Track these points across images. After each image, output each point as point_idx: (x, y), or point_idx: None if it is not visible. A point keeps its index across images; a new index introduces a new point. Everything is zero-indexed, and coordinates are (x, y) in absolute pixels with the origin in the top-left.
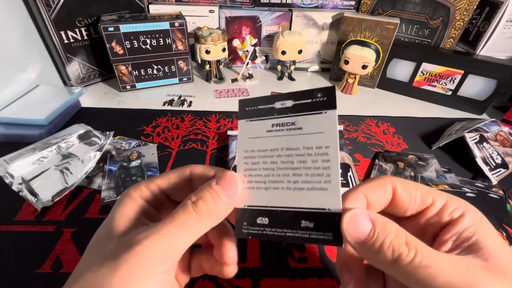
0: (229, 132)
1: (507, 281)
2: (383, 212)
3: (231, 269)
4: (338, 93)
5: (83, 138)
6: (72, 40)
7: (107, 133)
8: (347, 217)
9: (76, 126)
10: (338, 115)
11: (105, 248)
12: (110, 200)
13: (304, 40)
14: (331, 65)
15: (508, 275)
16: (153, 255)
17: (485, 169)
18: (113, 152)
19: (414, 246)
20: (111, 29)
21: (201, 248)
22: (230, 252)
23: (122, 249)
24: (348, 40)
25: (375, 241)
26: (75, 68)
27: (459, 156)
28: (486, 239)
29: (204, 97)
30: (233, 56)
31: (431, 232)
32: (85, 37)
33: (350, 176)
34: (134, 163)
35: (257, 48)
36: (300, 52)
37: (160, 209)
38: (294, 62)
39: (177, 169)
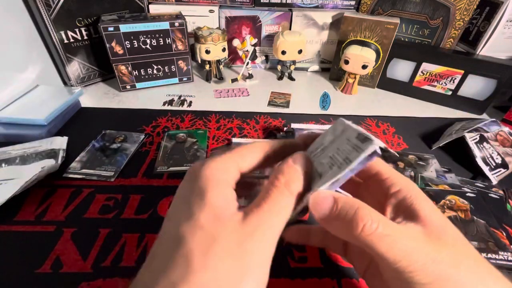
0: (234, 140)
1: (440, 242)
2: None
3: None
4: (338, 93)
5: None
6: (72, 40)
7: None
8: (311, 197)
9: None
10: (338, 115)
11: (220, 237)
12: (71, 171)
13: (304, 40)
14: (331, 65)
15: (441, 238)
16: (266, 238)
17: (485, 169)
18: (107, 131)
19: (377, 218)
20: (111, 29)
21: None
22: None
23: (242, 236)
24: (348, 40)
25: (338, 215)
26: (75, 68)
27: (459, 156)
28: (421, 207)
29: (204, 97)
30: (233, 56)
31: (378, 195)
32: (85, 37)
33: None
34: (114, 145)
35: (257, 48)
36: (300, 52)
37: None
38: (294, 62)
39: (259, 147)
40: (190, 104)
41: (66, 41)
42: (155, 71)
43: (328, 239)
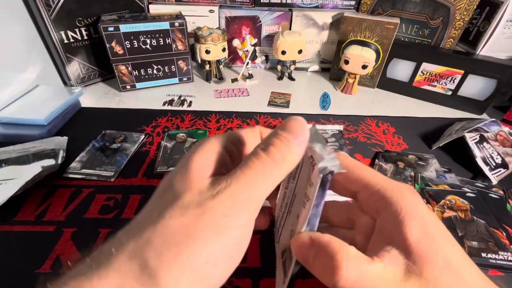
0: None
1: (420, 281)
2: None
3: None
4: (338, 93)
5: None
6: (72, 40)
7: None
8: (291, 241)
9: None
10: (338, 115)
11: (184, 196)
12: (71, 171)
13: (304, 40)
14: (331, 65)
15: (422, 274)
16: (236, 204)
17: (485, 169)
18: (107, 131)
19: (353, 265)
20: (111, 29)
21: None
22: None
23: (204, 197)
24: (348, 40)
25: (316, 260)
26: (75, 68)
27: (459, 156)
28: (410, 229)
29: (204, 97)
30: (233, 56)
31: (373, 207)
32: (85, 37)
33: None
34: (114, 145)
35: (257, 48)
36: (300, 52)
37: (233, 160)
38: (294, 62)
39: (248, 128)
40: (190, 104)
41: (66, 41)
42: (155, 71)
43: None
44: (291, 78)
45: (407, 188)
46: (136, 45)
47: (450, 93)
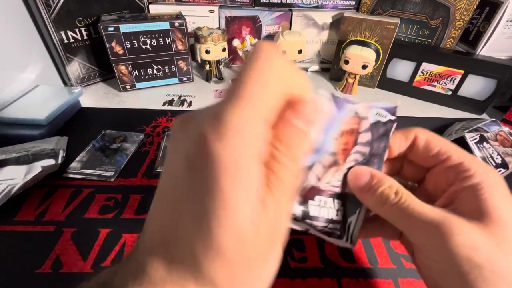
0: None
1: (487, 232)
2: (409, 162)
3: None
4: (338, 93)
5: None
6: (72, 40)
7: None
8: (351, 171)
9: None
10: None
11: (241, 207)
12: (71, 171)
13: (304, 40)
14: (331, 65)
15: (490, 227)
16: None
17: None
18: (107, 131)
19: (401, 194)
20: (111, 29)
21: None
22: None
23: (266, 221)
24: (348, 40)
25: (371, 189)
26: (75, 68)
27: None
28: (486, 199)
29: (204, 97)
30: (233, 56)
31: (442, 186)
32: (85, 37)
33: None
34: (114, 145)
35: None
36: (300, 52)
37: None
38: (294, 62)
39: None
40: (190, 104)
41: (66, 41)
42: (155, 71)
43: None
44: None
45: (491, 169)
46: (136, 45)
47: (450, 93)
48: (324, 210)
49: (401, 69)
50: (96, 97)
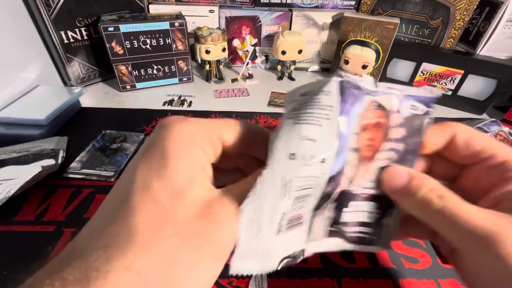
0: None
1: None
2: (443, 158)
3: None
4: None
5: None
6: (72, 40)
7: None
8: (385, 171)
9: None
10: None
11: (177, 217)
12: (71, 171)
13: (304, 40)
14: (331, 65)
15: None
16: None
17: None
18: (107, 131)
19: (445, 197)
20: (111, 29)
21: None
22: None
23: (203, 227)
24: (348, 40)
25: (409, 191)
26: (75, 68)
27: None
28: None
29: (204, 97)
30: (233, 56)
31: (483, 185)
32: (85, 37)
33: None
34: (114, 145)
35: (257, 48)
36: (300, 52)
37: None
38: (294, 62)
39: (239, 121)
40: (190, 104)
41: (66, 41)
42: (155, 71)
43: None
44: (291, 78)
45: None
46: (136, 45)
47: (450, 93)
48: (358, 214)
49: (401, 69)
50: (96, 97)
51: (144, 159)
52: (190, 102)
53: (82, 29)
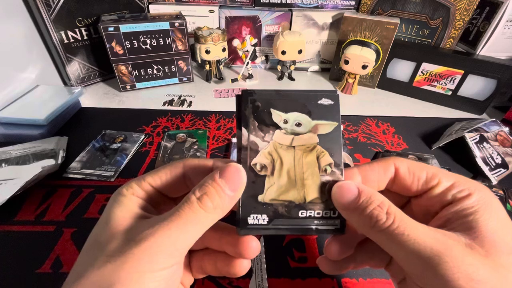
0: (234, 140)
1: (487, 260)
2: (389, 192)
3: (244, 265)
4: (338, 93)
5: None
6: (72, 40)
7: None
8: (335, 186)
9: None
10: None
11: (108, 246)
12: (71, 171)
13: (304, 40)
14: (331, 65)
15: (490, 254)
16: (161, 249)
17: (485, 169)
18: (107, 131)
19: (394, 215)
20: (111, 29)
21: (201, 250)
22: (253, 243)
23: (128, 245)
24: (348, 40)
25: (358, 207)
26: (75, 68)
27: (459, 156)
28: (484, 220)
29: (204, 97)
30: (233, 56)
31: (434, 210)
32: (85, 37)
33: None
34: (114, 145)
35: (257, 48)
36: (300, 52)
37: (156, 205)
38: (294, 62)
39: (169, 166)
40: (190, 104)
41: (66, 41)
42: (155, 71)
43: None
44: (291, 78)
45: (484, 186)
46: (136, 45)
47: (450, 93)
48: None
49: (401, 69)
50: (96, 97)
51: (96, 225)
52: (190, 102)
53: (82, 29)
